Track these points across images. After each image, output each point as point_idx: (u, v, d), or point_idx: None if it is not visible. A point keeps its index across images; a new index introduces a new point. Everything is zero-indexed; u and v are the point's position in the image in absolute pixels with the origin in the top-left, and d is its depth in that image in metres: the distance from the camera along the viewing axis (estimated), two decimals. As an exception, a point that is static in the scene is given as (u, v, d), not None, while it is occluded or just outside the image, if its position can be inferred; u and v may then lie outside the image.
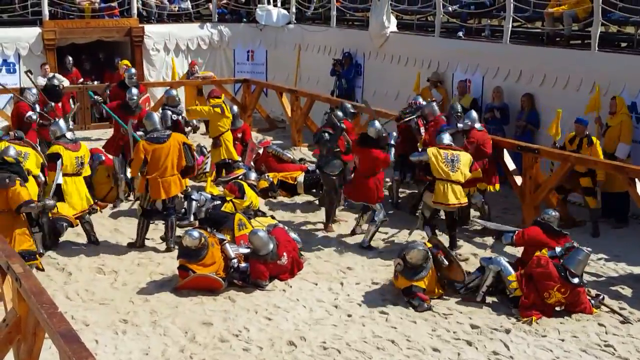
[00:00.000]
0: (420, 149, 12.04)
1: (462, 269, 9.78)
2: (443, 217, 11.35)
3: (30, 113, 13.97)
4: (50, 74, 17.34)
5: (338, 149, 12.02)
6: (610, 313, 9.23)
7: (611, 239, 11.65)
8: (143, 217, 11.30)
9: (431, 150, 10.93)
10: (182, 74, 20.32)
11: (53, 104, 14.73)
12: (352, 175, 11.97)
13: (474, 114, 12.14)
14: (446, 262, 9.67)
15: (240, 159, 14.58)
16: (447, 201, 10.79)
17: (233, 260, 10.04)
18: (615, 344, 8.48)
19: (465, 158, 10.96)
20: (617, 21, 13.94)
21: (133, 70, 16.02)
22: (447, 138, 11.16)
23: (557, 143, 12.30)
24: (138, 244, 11.33)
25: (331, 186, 12.15)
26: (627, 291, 9.90)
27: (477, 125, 11.88)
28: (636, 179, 10.80)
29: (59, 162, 11.13)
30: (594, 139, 11.81)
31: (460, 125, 11.82)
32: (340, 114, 12.55)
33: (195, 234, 9.93)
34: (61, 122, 11.91)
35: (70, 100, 18.67)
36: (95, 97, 14.88)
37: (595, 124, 12.62)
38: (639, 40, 13.73)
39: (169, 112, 14.55)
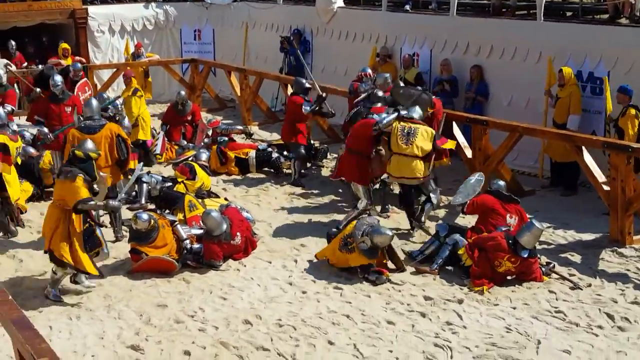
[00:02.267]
0: None
1: (401, 259, 9.94)
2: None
3: None
4: None
5: None
6: (560, 280, 9.46)
7: (560, 207, 11.89)
8: None
9: (395, 123, 10.77)
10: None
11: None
12: None
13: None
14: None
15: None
16: (400, 174, 10.77)
17: (185, 242, 10.07)
18: (566, 310, 8.69)
19: (424, 131, 10.74)
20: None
21: (49, 66, 15.89)
22: (416, 112, 10.92)
23: (612, 115, 11.75)
24: None
25: None
26: (576, 258, 10.14)
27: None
28: (583, 147, 11.03)
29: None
30: (630, 110, 11.24)
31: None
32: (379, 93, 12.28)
33: (145, 216, 9.92)
34: (1, 108, 11.75)
35: (15, 85, 18.46)
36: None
37: (545, 97, 12.85)
38: (583, 9, 14.00)
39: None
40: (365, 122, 11.10)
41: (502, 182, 10.44)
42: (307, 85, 13.96)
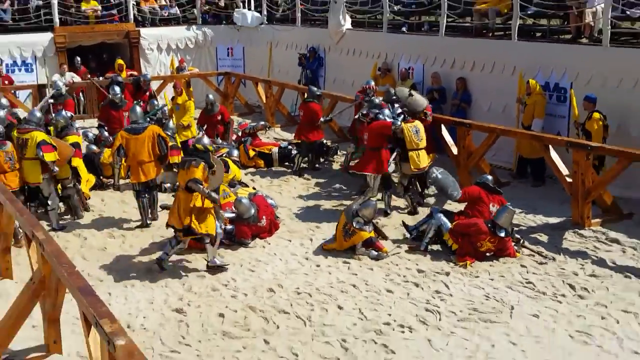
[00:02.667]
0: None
1: (382, 231, 10.09)
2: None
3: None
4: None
5: None
6: (530, 256, 9.42)
7: (530, 195, 11.82)
8: (138, 198, 10.86)
9: (404, 125, 10.89)
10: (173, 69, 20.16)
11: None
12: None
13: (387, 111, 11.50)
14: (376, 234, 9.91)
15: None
16: (420, 166, 10.94)
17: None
18: (535, 281, 8.67)
19: (421, 126, 11.10)
20: (532, 15, 14.04)
21: (116, 75, 16.68)
22: (399, 110, 11.15)
23: (579, 121, 11.56)
24: (143, 224, 10.85)
25: None
26: (543, 238, 10.08)
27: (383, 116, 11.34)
28: (550, 146, 10.97)
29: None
30: (595, 114, 11.09)
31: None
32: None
33: None
34: (64, 113, 11.84)
35: (81, 93, 18.56)
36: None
37: (516, 103, 12.78)
38: (550, 30, 13.89)
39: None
40: (383, 124, 10.91)
41: (489, 177, 10.38)
42: (318, 93, 13.96)
